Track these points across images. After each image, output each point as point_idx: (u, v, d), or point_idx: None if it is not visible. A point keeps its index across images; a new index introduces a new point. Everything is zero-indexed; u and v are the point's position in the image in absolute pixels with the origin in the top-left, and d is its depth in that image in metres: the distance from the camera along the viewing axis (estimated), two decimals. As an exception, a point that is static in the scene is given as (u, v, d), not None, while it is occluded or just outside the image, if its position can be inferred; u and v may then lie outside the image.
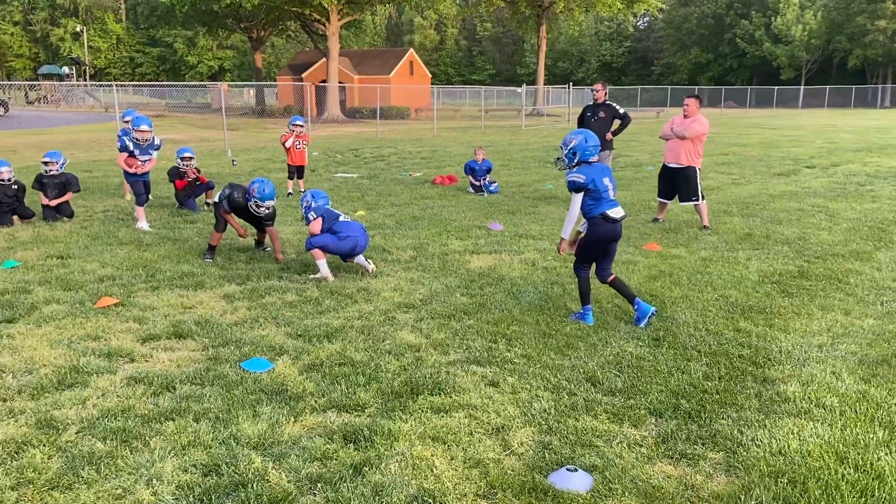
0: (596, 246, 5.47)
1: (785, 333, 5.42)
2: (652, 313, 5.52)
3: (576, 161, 5.40)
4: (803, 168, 16.43)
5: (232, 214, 7.61)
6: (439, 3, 39.35)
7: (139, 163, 9.28)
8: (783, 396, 4.31)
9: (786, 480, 3.38)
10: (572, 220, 5.44)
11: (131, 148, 9.24)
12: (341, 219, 6.98)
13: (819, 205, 11.24)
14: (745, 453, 3.64)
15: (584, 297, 5.64)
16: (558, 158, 5.62)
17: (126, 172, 9.49)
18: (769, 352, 5.03)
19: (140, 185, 9.41)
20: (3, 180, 9.42)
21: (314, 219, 6.92)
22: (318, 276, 6.87)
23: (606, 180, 5.40)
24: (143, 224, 9.25)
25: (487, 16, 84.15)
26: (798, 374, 4.65)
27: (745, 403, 4.22)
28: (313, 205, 7.00)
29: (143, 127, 9.19)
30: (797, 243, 8.48)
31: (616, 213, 5.40)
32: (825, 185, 13.50)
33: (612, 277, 5.59)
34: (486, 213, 10.54)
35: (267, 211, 7.47)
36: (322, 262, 6.85)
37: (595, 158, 5.43)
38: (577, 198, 5.34)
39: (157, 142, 9.52)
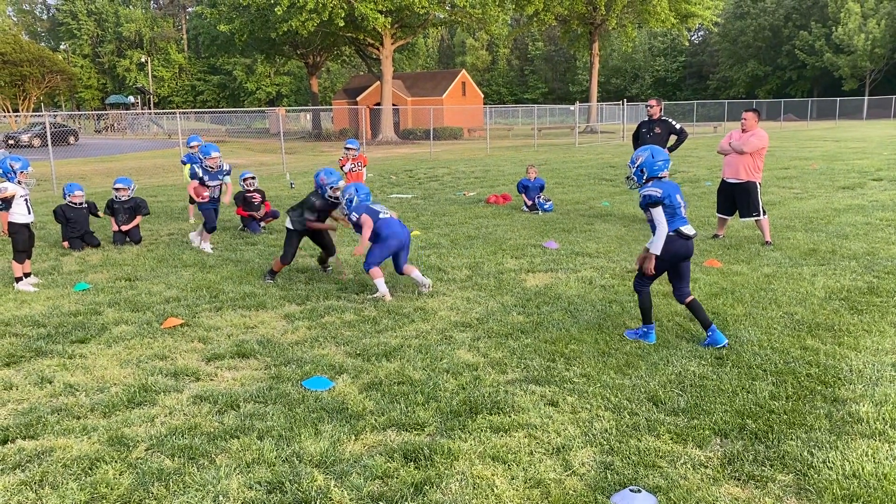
0: (664, 262, 5.34)
1: (855, 352, 5.23)
2: (724, 346, 5.34)
3: (645, 178, 5.35)
4: (870, 181, 15.90)
5: (314, 222, 7.60)
6: (491, 24, 39.57)
7: (206, 193, 9.37)
8: (855, 417, 4.16)
9: (861, 504, 3.26)
10: (662, 236, 5.22)
11: (201, 174, 9.38)
12: (381, 215, 7.02)
13: (888, 218, 10.85)
14: (816, 476, 3.52)
15: (646, 315, 5.54)
16: (628, 177, 5.55)
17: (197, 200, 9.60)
18: (839, 370, 4.86)
19: (212, 213, 9.50)
20: (76, 204, 9.83)
21: (357, 218, 6.98)
22: (376, 295, 6.95)
23: (679, 197, 5.31)
24: (206, 245, 9.50)
25: (539, 35, 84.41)
26: (871, 393, 4.48)
27: (815, 424, 4.08)
28: (356, 200, 7.08)
29: (213, 154, 9.35)
30: (865, 258, 8.20)
31: (689, 229, 5.30)
32: (894, 198, 13.03)
33: (689, 298, 5.43)
34: (541, 232, 10.51)
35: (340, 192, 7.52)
36: (380, 281, 6.93)
37: (665, 174, 5.33)
38: (658, 212, 5.20)
39: (226, 167, 9.62)
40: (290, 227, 7.64)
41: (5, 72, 53.40)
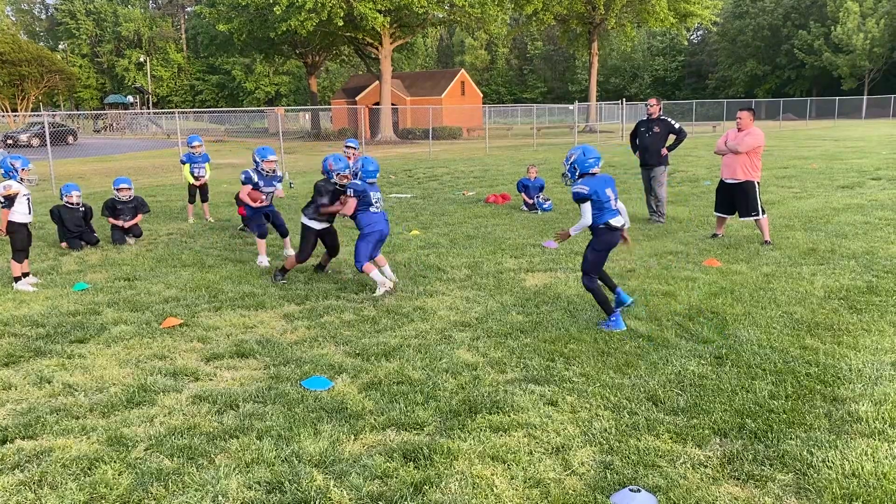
0: (603, 253, 5.82)
1: (854, 351, 5.23)
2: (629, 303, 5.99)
3: (578, 174, 5.74)
4: (868, 180, 15.90)
5: (328, 207, 7.49)
6: (490, 23, 39.55)
7: (263, 196, 8.56)
8: (855, 416, 4.16)
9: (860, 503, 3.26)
10: (583, 226, 5.74)
11: (256, 179, 8.52)
12: (371, 208, 7.09)
13: (887, 217, 10.85)
14: (815, 475, 3.52)
15: (606, 306, 5.85)
16: (563, 174, 5.94)
17: (247, 206, 8.76)
18: (838, 370, 4.87)
19: (262, 217, 8.77)
20: (72, 204, 9.82)
21: (352, 196, 7.01)
22: (379, 290, 6.99)
23: (609, 191, 5.70)
24: (263, 259, 8.62)
25: (538, 34, 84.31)
26: (870, 393, 4.48)
27: (815, 423, 4.08)
28: (359, 175, 7.10)
29: (270, 157, 8.61)
30: (864, 257, 8.20)
31: (617, 222, 5.74)
32: (893, 198, 13.03)
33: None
34: (540, 231, 10.51)
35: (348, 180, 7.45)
36: (375, 273, 7.04)
37: (596, 170, 5.72)
38: (586, 207, 5.66)
39: (279, 173, 8.90)
40: (307, 224, 7.58)
41: (4, 71, 53.38)
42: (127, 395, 4.68)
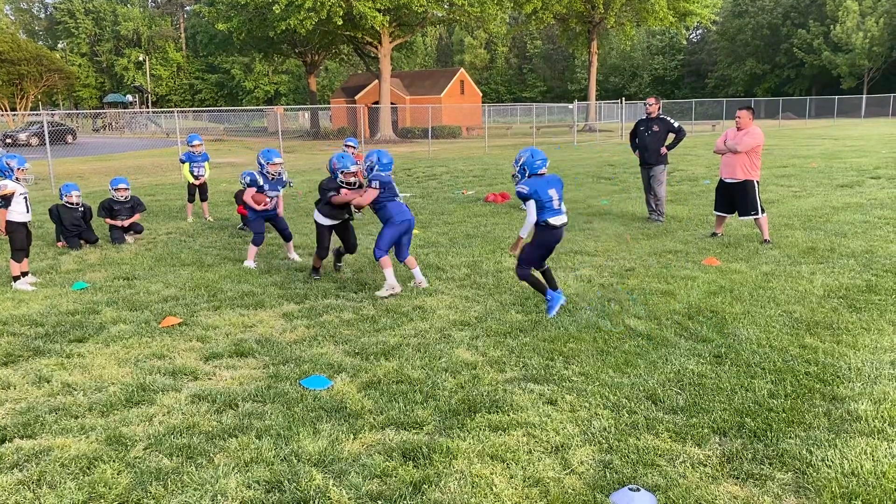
0: (542, 248, 6.17)
1: (854, 350, 5.23)
2: (556, 308, 6.18)
3: (527, 175, 6.04)
4: (868, 179, 15.90)
5: (338, 197, 7.37)
6: (489, 22, 39.52)
7: (267, 199, 8.37)
8: (854, 415, 4.16)
9: (860, 503, 3.26)
10: (530, 224, 6.04)
11: (261, 182, 8.33)
12: (398, 198, 7.06)
13: (886, 216, 10.85)
14: (815, 474, 3.52)
15: (540, 287, 6.25)
16: (513, 175, 6.29)
17: (250, 209, 8.46)
18: (838, 369, 4.87)
19: (262, 223, 8.48)
20: (71, 204, 9.81)
21: (376, 187, 6.91)
22: (385, 291, 6.93)
23: (553, 191, 6.02)
24: (250, 262, 8.42)
25: (537, 33, 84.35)
26: (869, 391, 4.48)
27: (814, 422, 4.08)
28: (376, 168, 7.01)
29: (276, 160, 8.43)
30: (864, 256, 8.20)
31: (557, 220, 6.06)
32: (892, 196, 13.03)
33: (544, 269, 6.38)
34: (539, 230, 10.49)
35: (355, 178, 7.40)
36: (389, 272, 6.93)
37: (543, 171, 6.06)
38: (531, 205, 5.97)
39: (284, 177, 8.71)
40: (320, 221, 7.57)
41: (3, 70, 53.34)
42: (126, 394, 4.68)
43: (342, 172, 7.40)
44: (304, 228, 11.03)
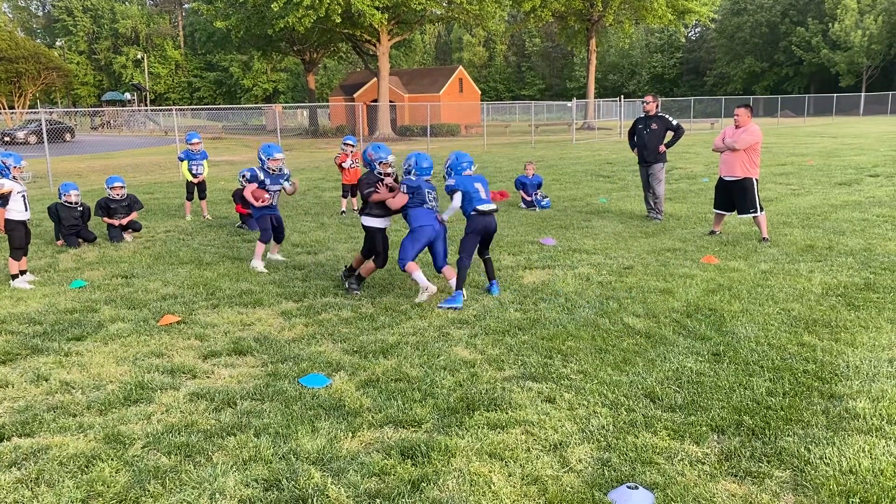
0: (474, 236, 6.73)
1: (852, 348, 5.24)
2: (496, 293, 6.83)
3: (453, 175, 6.87)
4: (866, 177, 15.92)
5: (377, 194, 6.93)
6: (488, 20, 39.52)
7: (267, 195, 8.30)
8: (852, 413, 4.16)
9: (858, 500, 3.26)
10: (453, 209, 6.83)
11: (262, 177, 8.28)
12: (426, 205, 6.79)
13: (885, 214, 10.87)
14: (813, 472, 3.52)
15: (461, 280, 6.66)
16: (443, 175, 6.97)
17: (252, 207, 8.43)
18: (836, 367, 4.87)
19: (267, 220, 8.37)
20: (70, 203, 9.80)
21: (405, 192, 6.77)
22: (423, 295, 6.64)
23: (479, 185, 6.78)
24: (258, 263, 8.22)
25: (536, 31, 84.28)
26: (867, 389, 4.49)
27: (812, 420, 4.09)
28: (413, 173, 6.83)
29: (277, 155, 8.38)
30: (862, 254, 8.21)
31: (485, 207, 6.70)
32: (890, 195, 13.05)
33: (486, 257, 7.05)
34: (538, 228, 10.50)
35: (392, 168, 7.11)
36: (418, 274, 6.67)
37: (469, 171, 6.89)
38: (457, 196, 6.74)
39: (286, 171, 8.63)
40: (370, 225, 7.04)
41: (1, 69, 53.20)
42: (124, 392, 4.67)
43: (380, 163, 7.02)
44: (303, 227, 11.02)
